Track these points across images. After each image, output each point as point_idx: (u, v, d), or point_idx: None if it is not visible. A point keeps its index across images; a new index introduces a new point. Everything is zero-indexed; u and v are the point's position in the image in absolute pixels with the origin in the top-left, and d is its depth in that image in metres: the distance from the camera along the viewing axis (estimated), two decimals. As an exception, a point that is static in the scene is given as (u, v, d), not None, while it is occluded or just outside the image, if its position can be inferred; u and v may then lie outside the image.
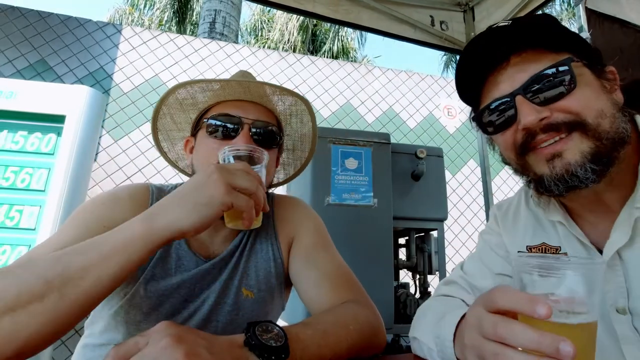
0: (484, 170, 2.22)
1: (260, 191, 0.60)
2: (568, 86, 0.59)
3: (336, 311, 0.70)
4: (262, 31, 12.75)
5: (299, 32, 11.40)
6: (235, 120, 0.79)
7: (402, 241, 2.45)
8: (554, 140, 0.60)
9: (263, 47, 5.23)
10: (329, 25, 11.44)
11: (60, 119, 2.20)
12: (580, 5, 1.56)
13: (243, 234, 0.86)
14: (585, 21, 1.53)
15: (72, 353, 0.81)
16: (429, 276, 2.18)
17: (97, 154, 2.90)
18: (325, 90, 3.72)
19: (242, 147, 0.72)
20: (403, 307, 2.02)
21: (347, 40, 11.86)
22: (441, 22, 2.21)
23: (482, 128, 0.70)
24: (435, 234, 2.19)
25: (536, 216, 0.75)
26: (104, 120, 2.98)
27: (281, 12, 10.89)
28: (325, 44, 11.73)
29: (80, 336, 0.82)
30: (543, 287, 0.42)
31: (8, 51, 2.96)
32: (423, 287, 2.15)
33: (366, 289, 0.83)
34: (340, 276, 0.82)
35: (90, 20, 3.24)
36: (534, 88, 0.61)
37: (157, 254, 0.77)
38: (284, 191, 2.52)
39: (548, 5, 1.79)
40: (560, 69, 0.60)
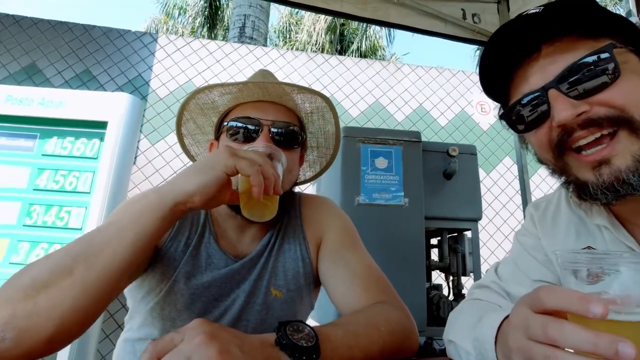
0: (521, 167, 2.12)
1: (268, 164, 0.61)
2: (611, 75, 0.52)
3: (367, 312, 0.69)
4: (290, 33, 12.89)
5: (327, 33, 11.41)
6: (254, 122, 0.80)
7: (434, 242, 2.39)
8: (595, 138, 0.54)
9: (291, 49, 5.28)
10: (356, 24, 11.36)
11: (103, 125, 2.34)
12: (628, -12, 1.45)
13: (271, 233, 0.87)
14: (634, 5, 1.42)
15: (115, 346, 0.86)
16: (463, 278, 2.11)
17: (136, 157, 3.05)
18: (354, 89, 3.70)
19: (259, 146, 0.74)
20: (436, 309, 1.97)
21: (375, 38, 11.73)
22: (473, 15, 2.13)
23: (512, 126, 0.64)
24: (469, 234, 2.12)
25: (580, 217, 0.68)
26: (142, 125, 3.13)
27: (309, 13, 10.97)
28: (353, 43, 11.67)
29: (122, 331, 0.87)
30: (594, 285, 0.38)
31: (57, 63, 3.19)
32: (457, 289, 2.09)
33: (397, 290, 0.81)
34: (370, 276, 0.81)
35: (129, 31, 3.41)
36: (569, 80, 0.54)
37: (187, 252, 0.79)
38: (313, 191, 2.53)
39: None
40: (601, 56, 0.53)
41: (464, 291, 2.10)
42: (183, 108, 0.87)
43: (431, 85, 3.88)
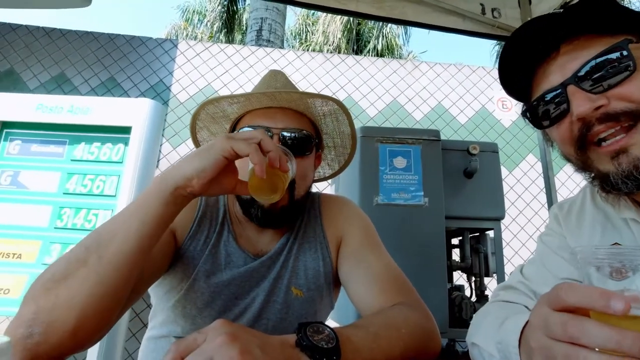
0: (546, 165, 2.05)
1: (267, 138, 0.60)
2: (627, 70, 0.54)
3: (387, 313, 0.69)
4: (306, 35, 12.94)
5: (343, 34, 11.38)
6: (264, 130, 0.79)
7: (455, 242, 2.35)
8: (614, 130, 0.55)
9: (307, 51, 5.31)
10: (372, 23, 11.29)
11: (127, 130, 2.42)
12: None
13: (290, 232, 0.87)
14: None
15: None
16: (485, 279, 2.07)
17: (159, 160, 3.14)
18: (371, 89, 3.68)
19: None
20: (458, 310, 1.94)
21: (392, 36, 11.61)
22: (492, 10, 2.08)
23: (534, 123, 0.67)
24: (491, 233, 2.07)
25: (605, 213, 0.68)
26: (164, 129, 3.21)
27: (324, 14, 10.98)
28: (369, 42, 11.59)
29: (147, 329, 0.90)
30: (617, 282, 0.37)
31: (84, 72, 3.32)
32: (479, 290, 2.05)
33: (418, 291, 0.80)
34: (390, 277, 0.80)
35: (150, 38, 3.52)
36: (586, 75, 0.56)
37: (207, 251, 0.81)
38: (332, 192, 2.53)
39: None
40: (616, 52, 0.54)
41: (486, 292, 2.05)
42: (194, 118, 0.89)
43: (450, 83, 3.81)
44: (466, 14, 2.04)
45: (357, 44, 11.86)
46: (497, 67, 0.71)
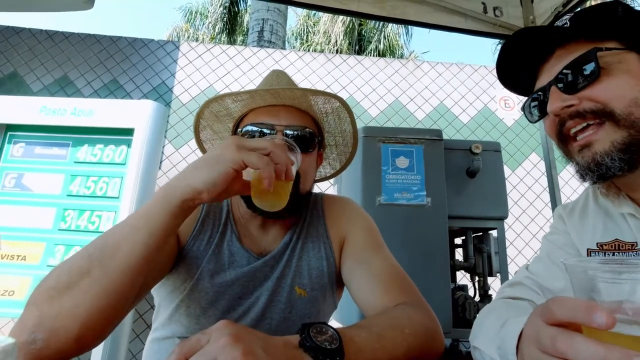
0: (549, 163, 2.04)
1: (279, 149, 0.59)
2: (592, 76, 0.61)
3: (390, 314, 0.69)
4: (308, 35, 12.95)
5: (345, 34, 11.38)
6: (268, 127, 0.80)
7: (458, 241, 2.34)
8: (583, 126, 0.62)
9: (309, 51, 5.31)
10: (373, 23, 11.28)
11: (129, 131, 2.43)
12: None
13: (293, 231, 0.87)
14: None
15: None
16: (489, 278, 2.06)
17: (161, 162, 3.15)
18: (373, 89, 3.68)
19: (276, 138, 0.71)
20: (462, 310, 1.93)
21: (393, 37, 11.59)
22: (494, 8, 2.07)
23: (528, 118, 0.76)
24: (494, 233, 2.06)
25: (606, 210, 0.72)
26: (166, 131, 3.22)
27: (326, 15, 10.98)
28: (371, 43, 11.58)
29: (150, 330, 0.90)
30: (611, 295, 0.36)
31: (87, 74, 3.34)
32: (483, 289, 2.04)
33: (421, 291, 0.80)
34: (393, 277, 0.80)
35: (153, 40, 3.53)
36: (563, 78, 0.64)
37: (210, 250, 0.81)
38: (334, 192, 2.53)
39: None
40: (585, 59, 0.62)
41: (490, 292, 2.04)
42: (199, 117, 0.89)
43: (452, 82, 3.80)
44: (468, 13, 2.04)
45: (358, 45, 11.86)
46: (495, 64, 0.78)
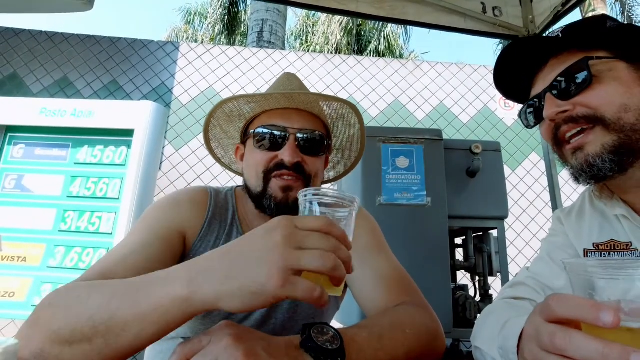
0: (549, 163, 2.04)
1: (341, 248, 0.47)
2: (583, 83, 0.65)
3: (392, 314, 0.69)
4: (307, 36, 12.95)
5: (343, 35, 11.38)
6: (281, 129, 0.81)
7: (458, 241, 2.34)
8: (577, 131, 0.66)
9: (308, 51, 5.31)
10: (373, 23, 11.28)
11: (129, 132, 2.43)
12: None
13: None
14: None
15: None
16: (489, 278, 2.06)
17: (161, 163, 3.15)
18: (372, 89, 3.68)
19: (330, 193, 0.55)
20: (462, 310, 1.93)
21: (393, 37, 11.60)
22: (494, 8, 2.07)
23: (525, 123, 0.79)
24: (495, 233, 2.06)
25: (602, 212, 0.75)
26: (166, 132, 3.23)
27: (325, 15, 10.99)
28: (370, 43, 11.59)
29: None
30: (609, 294, 0.36)
31: (87, 75, 3.34)
32: (483, 289, 2.04)
33: (422, 291, 0.80)
34: (395, 278, 0.80)
35: (152, 41, 3.53)
36: (557, 85, 0.68)
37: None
38: (334, 192, 2.53)
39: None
40: (578, 68, 0.66)
41: (490, 292, 2.04)
42: (210, 116, 0.89)
43: (452, 82, 3.80)
44: (467, 13, 2.04)
45: (357, 45, 11.87)
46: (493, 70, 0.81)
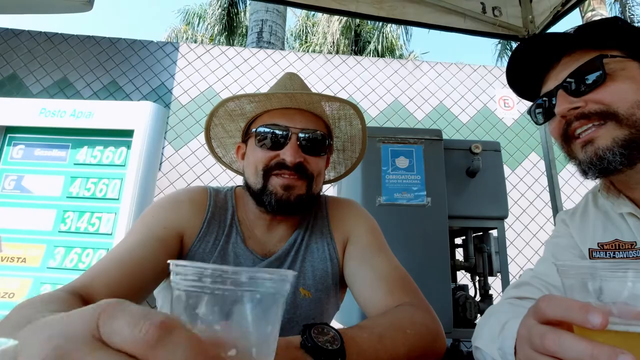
0: (549, 163, 2.04)
1: None
2: (597, 80, 0.66)
3: (392, 314, 0.69)
4: (307, 36, 12.96)
5: (342, 34, 11.38)
6: (282, 129, 0.81)
7: (458, 241, 2.34)
8: (588, 127, 0.67)
9: (308, 52, 5.31)
10: (372, 23, 11.28)
11: (129, 133, 2.43)
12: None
13: (298, 232, 0.88)
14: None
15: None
16: (489, 278, 2.06)
17: (161, 163, 3.15)
18: (372, 89, 3.68)
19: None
20: (462, 310, 1.93)
21: (392, 37, 11.60)
22: (493, 8, 2.07)
23: (534, 120, 0.80)
24: (495, 233, 2.06)
25: (606, 212, 0.75)
26: (166, 132, 3.22)
27: (325, 16, 10.98)
28: (370, 43, 11.59)
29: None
30: (603, 296, 0.36)
31: (87, 76, 3.34)
32: (483, 289, 2.04)
33: (422, 291, 0.80)
34: (396, 278, 0.80)
35: (152, 42, 3.53)
36: (570, 83, 0.69)
37: (216, 252, 0.81)
38: (334, 193, 2.53)
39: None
40: (591, 66, 0.67)
41: (490, 292, 2.04)
42: (212, 115, 0.89)
43: (451, 82, 3.81)
44: (467, 13, 2.04)
45: (357, 45, 11.86)
46: (498, 66, 0.87)
